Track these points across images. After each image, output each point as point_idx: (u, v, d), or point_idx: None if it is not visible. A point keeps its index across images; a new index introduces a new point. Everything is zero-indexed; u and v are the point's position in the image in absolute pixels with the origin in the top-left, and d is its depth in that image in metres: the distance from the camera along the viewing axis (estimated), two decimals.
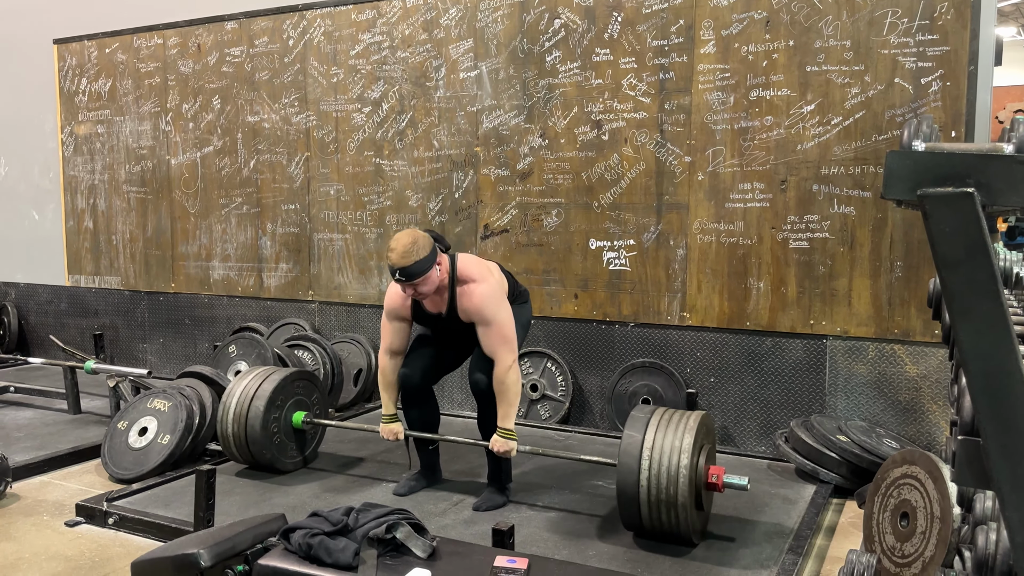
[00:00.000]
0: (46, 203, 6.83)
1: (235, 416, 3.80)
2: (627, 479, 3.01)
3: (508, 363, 3.29)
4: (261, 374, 3.93)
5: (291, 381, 3.92)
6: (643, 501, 2.99)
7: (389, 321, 3.54)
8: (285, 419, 3.90)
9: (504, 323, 3.31)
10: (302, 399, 3.99)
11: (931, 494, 2.71)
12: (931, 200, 1.25)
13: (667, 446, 2.98)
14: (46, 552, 3.20)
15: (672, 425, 3.05)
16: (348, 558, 2.24)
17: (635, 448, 3.01)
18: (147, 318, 6.38)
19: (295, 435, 3.96)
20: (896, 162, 1.34)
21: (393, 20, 5.20)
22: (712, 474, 3.09)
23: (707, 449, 3.13)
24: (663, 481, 2.95)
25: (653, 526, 3.04)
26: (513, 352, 3.31)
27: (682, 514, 2.96)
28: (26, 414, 5.11)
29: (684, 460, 2.94)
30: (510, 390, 3.30)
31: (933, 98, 3.91)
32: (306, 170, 5.59)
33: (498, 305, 3.33)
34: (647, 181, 4.55)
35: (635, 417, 3.12)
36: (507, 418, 3.33)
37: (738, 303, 4.39)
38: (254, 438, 3.77)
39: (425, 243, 3.23)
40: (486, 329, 3.32)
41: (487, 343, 3.33)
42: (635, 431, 3.06)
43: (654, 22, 4.46)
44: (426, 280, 3.24)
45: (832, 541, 3.36)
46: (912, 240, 4.00)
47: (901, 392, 4.08)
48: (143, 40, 6.16)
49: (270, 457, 3.82)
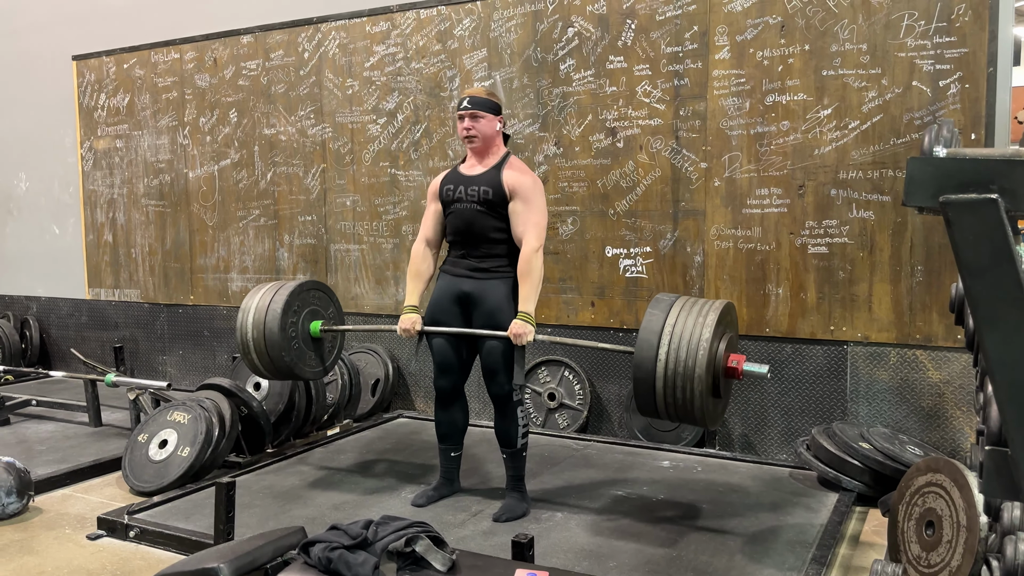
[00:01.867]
0: (66, 217, 6.90)
1: (254, 324, 3.78)
2: (645, 357, 2.98)
3: (536, 246, 3.40)
4: (275, 284, 3.91)
5: (306, 290, 3.90)
6: (659, 391, 2.97)
7: (432, 203, 3.67)
8: (303, 327, 3.87)
9: (541, 209, 3.46)
10: (317, 309, 3.95)
11: (957, 502, 2.67)
12: (954, 207, 1.24)
13: (688, 326, 2.97)
14: (68, 566, 3.22)
15: (693, 315, 3.03)
16: (368, 572, 2.23)
17: (656, 326, 3.00)
18: (166, 330, 6.42)
19: (314, 344, 3.94)
20: (917, 169, 1.32)
21: (407, 31, 5.22)
22: (732, 361, 3.07)
23: (728, 336, 3.10)
24: (680, 371, 2.93)
25: (668, 413, 3.03)
26: (541, 239, 3.42)
27: (698, 403, 2.94)
28: (48, 427, 5.16)
29: (704, 342, 2.92)
30: (534, 271, 3.38)
31: (952, 100, 3.87)
32: (322, 181, 5.62)
33: (541, 194, 3.49)
34: (663, 188, 4.53)
35: (659, 300, 3.12)
36: (527, 301, 3.39)
37: (757, 309, 4.35)
38: (273, 343, 3.73)
39: (499, 99, 3.57)
40: (524, 206, 3.42)
41: (521, 221, 3.43)
42: (658, 311, 3.05)
43: (668, 29, 4.45)
44: (487, 119, 3.46)
45: (856, 550, 3.32)
46: (933, 244, 3.96)
47: (924, 398, 4.03)
48: (160, 55, 6.22)
49: (289, 362, 3.77)
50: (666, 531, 3.33)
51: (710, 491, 3.78)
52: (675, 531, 3.33)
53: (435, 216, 3.65)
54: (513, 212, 3.44)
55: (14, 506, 3.67)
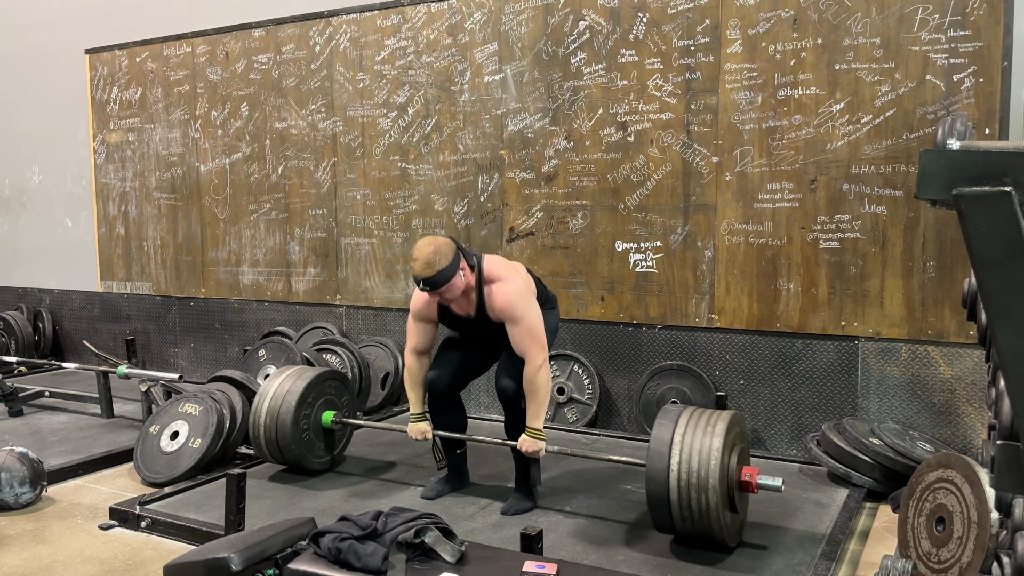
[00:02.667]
0: (79, 210, 6.94)
1: (268, 411, 3.83)
2: (656, 481, 2.96)
3: (539, 362, 3.27)
4: (295, 373, 3.96)
5: (323, 380, 3.95)
6: (674, 503, 2.94)
7: (415, 322, 3.54)
8: (315, 418, 3.92)
9: (533, 321, 3.29)
10: (332, 399, 4.01)
11: (968, 498, 2.66)
12: (967, 200, 1.23)
13: (696, 446, 2.93)
14: (80, 555, 3.24)
15: (701, 425, 3.00)
16: (377, 563, 2.24)
17: (663, 448, 2.96)
18: (178, 323, 6.45)
19: (324, 435, 3.98)
20: (930, 161, 1.31)
21: (418, 25, 5.22)
22: (745, 474, 3.04)
23: (739, 449, 3.07)
24: (693, 482, 2.89)
25: (686, 529, 2.99)
26: (543, 351, 3.29)
27: (715, 516, 2.90)
28: (60, 418, 5.20)
29: (714, 461, 2.89)
30: (540, 389, 3.28)
31: (966, 95, 3.85)
32: (333, 175, 5.63)
33: (527, 303, 3.32)
34: (673, 182, 4.52)
35: (664, 415, 3.07)
36: (536, 418, 3.31)
37: (768, 305, 4.34)
38: (284, 434, 3.79)
39: (447, 250, 3.21)
40: (515, 328, 3.30)
41: (517, 342, 3.31)
42: (663, 432, 3.02)
43: (680, 22, 4.43)
44: (451, 287, 3.24)
45: (866, 546, 3.31)
46: (945, 239, 3.93)
47: (935, 394, 4.01)
48: (172, 48, 6.24)
49: (298, 454, 3.83)
50: None
51: None
52: None
53: (424, 330, 3.55)
54: (509, 333, 3.34)
55: (27, 496, 3.70)
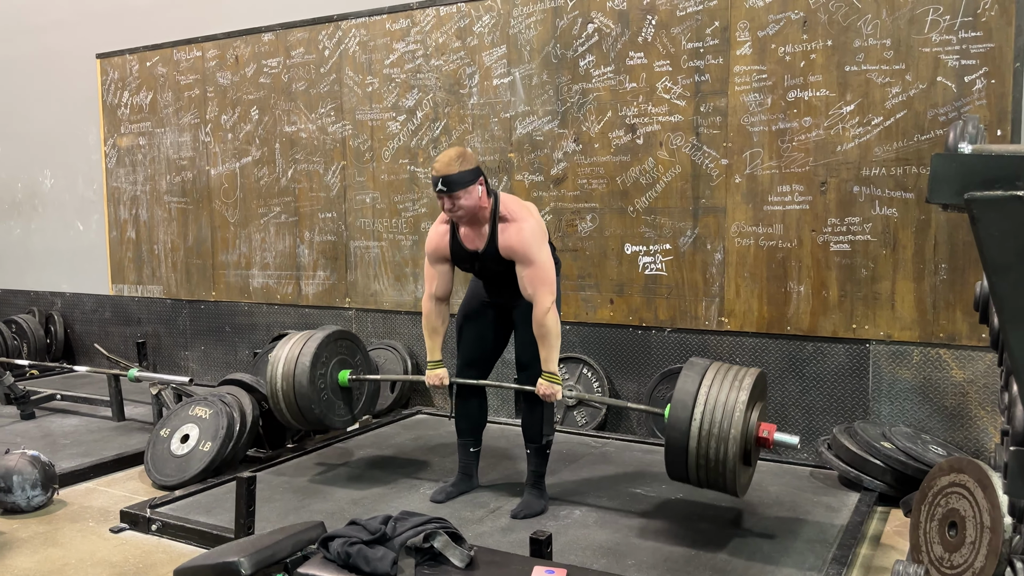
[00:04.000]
0: (90, 214, 6.98)
1: (283, 375, 3.82)
2: (678, 431, 2.99)
3: (547, 305, 3.27)
4: (303, 336, 3.95)
5: (334, 340, 3.93)
6: (691, 454, 2.99)
7: (431, 264, 3.53)
8: (331, 377, 3.90)
9: (544, 264, 3.29)
10: (346, 358, 3.99)
11: (980, 503, 2.64)
12: (979, 204, 1.22)
13: (722, 399, 2.98)
14: (92, 558, 3.26)
15: (728, 378, 3.04)
16: (386, 567, 2.24)
17: (688, 398, 3.00)
18: (188, 326, 6.48)
19: (342, 393, 3.97)
20: (942, 165, 1.30)
21: (427, 28, 5.23)
22: (763, 430, 3.07)
23: (759, 406, 3.12)
24: (715, 433, 2.94)
25: (699, 477, 3.05)
26: (552, 294, 3.30)
27: (730, 467, 2.95)
28: (72, 421, 5.22)
29: (738, 414, 2.93)
30: (550, 332, 3.29)
31: (977, 96, 3.82)
32: (342, 179, 5.64)
33: (540, 244, 3.31)
34: (683, 185, 4.51)
35: (690, 368, 3.09)
36: (549, 361, 3.33)
37: (778, 307, 4.32)
38: (302, 395, 3.77)
39: (471, 158, 3.25)
40: (526, 269, 3.30)
41: (526, 283, 3.32)
42: (689, 381, 3.05)
43: (689, 24, 4.42)
44: (467, 194, 3.22)
45: (877, 551, 3.29)
46: (957, 242, 3.91)
47: (947, 397, 3.99)
48: (183, 53, 6.27)
49: (319, 413, 3.81)
50: (685, 529, 3.32)
51: None
52: (694, 529, 3.32)
53: (441, 274, 3.53)
54: (518, 274, 3.33)
55: (39, 499, 3.72)
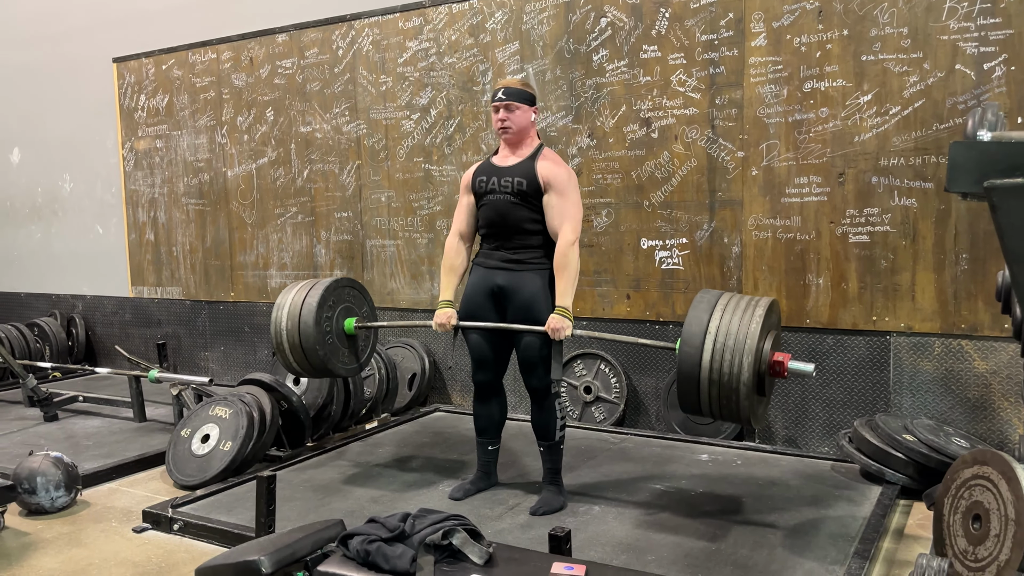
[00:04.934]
0: (109, 217, 7.05)
1: (289, 316, 3.80)
2: (689, 360, 2.96)
3: (571, 239, 3.36)
4: (310, 282, 3.93)
5: (341, 286, 3.92)
6: (703, 382, 2.96)
7: (464, 195, 3.65)
8: (337, 323, 3.88)
9: (576, 202, 3.42)
10: (351, 307, 3.96)
11: (1005, 495, 2.61)
12: (999, 192, 1.20)
13: (733, 329, 2.94)
14: (115, 558, 3.29)
15: (740, 307, 3.01)
16: (406, 565, 2.24)
17: (699, 330, 2.97)
18: (208, 327, 6.52)
19: (348, 341, 3.96)
20: (960, 153, 1.28)
21: (439, 26, 5.23)
22: (777, 357, 3.03)
23: (773, 335, 3.07)
24: (726, 365, 2.91)
25: (711, 408, 3.01)
26: (577, 231, 3.39)
27: (743, 397, 2.91)
28: (94, 423, 5.27)
29: (750, 344, 2.90)
30: (570, 264, 3.34)
31: (997, 84, 3.77)
32: (358, 178, 5.66)
33: (576, 187, 3.46)
34: (699, 178, 4.49)
35: (703, 296, 3.08)
36: (564, 295, 3.35)
37: (797, 300, 4.29)
38: (307, 336, 3.74)
39: (533, 90, 3.52)
40: (559, 199, 3.39)
41: (557, 213, 3.39)
42: (700, 312, 3.02)
43: (703, 16, 4.39)
44: (521, 111, 3.44)
45: (900, 544, 3.26)
46: (978, 231, 3.86)
47: (970, 389, 3.94)
48: (198, 55, 6.31)
49: (323, 356, 3.78)
50: (705, 525, 3.30)
51: (750, 485, 3.74)
52: (714, 525, 3.30)
53: (468, 208, 3.63)
54: (547, 205, 3.41)
55: (63, 500, 3.76)
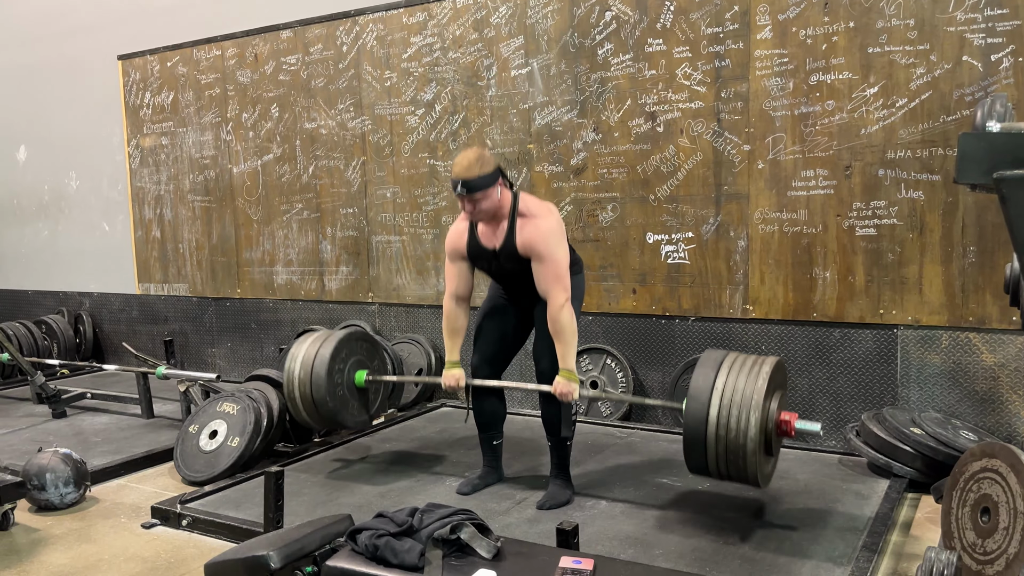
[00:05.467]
0: (116, 214, 7.06)
1: (302, 366, 3.83)
2: (695, 419, 2.95)
3: (561, 302, 3.26)
4: (324, 333, 3.98)
5: (353, 340, 3.95)
6: (710, 442, 2.94)
7: (451, 263, 3.54)
8: (348, 376, 3.91)
9: (560, 261, 3.29)
10: (363, 360, 3.99)
11: (1014, 488, 2.60)
12: (1009, 183, 1.19)
13: (739, 387, 2.93)
14: (124, 553, 3.30)
15: (745, 368, 2.99)
16: (414, 559, 2.25)
17: (706, 387, 2.96)
18: (215, 323, 6.54)
19: (359, 393, 3.98)
20: (969, 145, 1.28)
21: (444, 21, 5.22)
22: (783, 418, 3.02)
23: (780, 395, 3.07)
24: (732, 423, 2.89)
25: (719, 468, 3.00)
26: (566, 291, 3.28)
27: (750, 456, 2.90)
28: (102, 419, 5.29)
29: (756, 402, 2.89)
30: (566, 329, 3.27)
31: (1004, 75, 3.75)
32: (363, 174, 5.66)
33: (557, 242, 3.30)
34: (704, 172, 4.47)
35: (707, 358, 3.06)
36: (566, 358, 3.30)
37: (803, 294, 4.28)
38: (319, 387, 3.77)
39: (490, 160, 3.26)
40: (541, 265, 3.29)
41: (541, 279, 3.31)
42: (707, 370, 3.01)
43: (708, 9, 4.38)
44: (486, 196, 3.25)
45: (908, 537, 3.26)
46: (985, 223, 3.85)
47: (978, 382, 3.93)
48: (202, 52, 6.31)
49: (333, 408, 3.81)
50: (712, 519, 3.30)
51: None
52: (721, 519, 3.30)
53: (461, 273, 3.53)
54: (534, 270, 3.34)
55: (72, 496, 3.78)
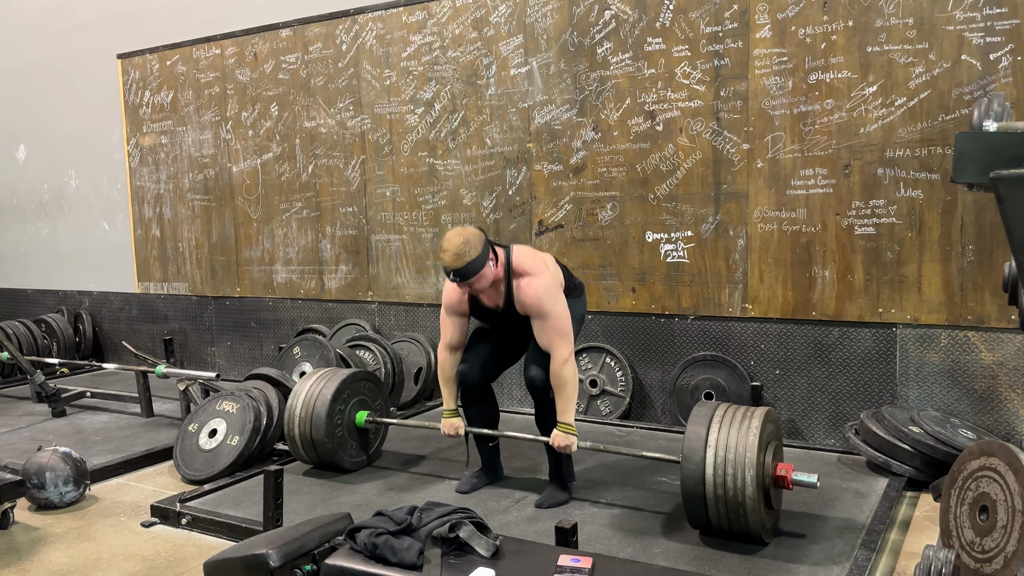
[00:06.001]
0: (115, 213, 7.06)
1: (304, 405, 3.88)
2: (692, 478, 2.95)
3: (564, 356, 3.27)
4: (328, 373, 4.00)
5: (357, 380, 3.98)
6: (710, 500, 2.94)
7: (448, 316, 3.56)
8: (348, 416, 3.95)
9: (560, 316, 3.29)
10: (365, 400, 4.04)
11: (1012, 487, 2.60)
12: (1005, 182, 1.20)
13: (732, 444, 2.92)
14: (124, 552, 3.31)
15: (736, 422, 2.98)
16: (413, 557, 2.25)
17: (699, 447, 2.96)
18: (214, 322, 6.54)
19: (358, 434, 4.01)
20: (967, 144, 1.28)
21: (443, 20, 5.22)
22: (780, 471, 3.02)
23: (774, 446, 3.06)
24: (729, 482, 2.89)
25: (721, 525, 2.99)
26: (569, 345, 3.29)
27: (751, 513, 2.90)
28: (102, 418, 5.30)
29: (750, 458, 2.88)
30: (567, 384, 3.27)
31: (1003, 74, 3.75)
32: (362, 173, 5.66)
33: (554, 299, 3.32)
34: (704, 171, 4.48)
35: (697, 414, 3.07)
36: (566, 412, 3.31)
37: (802, 292, 4.28)
38: (318, 428, 3.82)
39: (476, 241, 3.22)
40: (542, 323, 3.30)
41: (543, 337, 3.32)
42: (698, 428, 3.01)
43: (707, 8, 4.38)
44: (481, 277, 3.25)
45: (907, 536, 3.26)
46: (984, 222, 3.85)
47: (976, 380, 3.93)
48: (202, 51, 6.31)
49: (331, 449, 3.85)
50: None
51: None
52: None
53: (457, 325, 3.55)
54: (534, 327, 3.35)
55: (71, 495, 3.78)
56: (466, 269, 3.19)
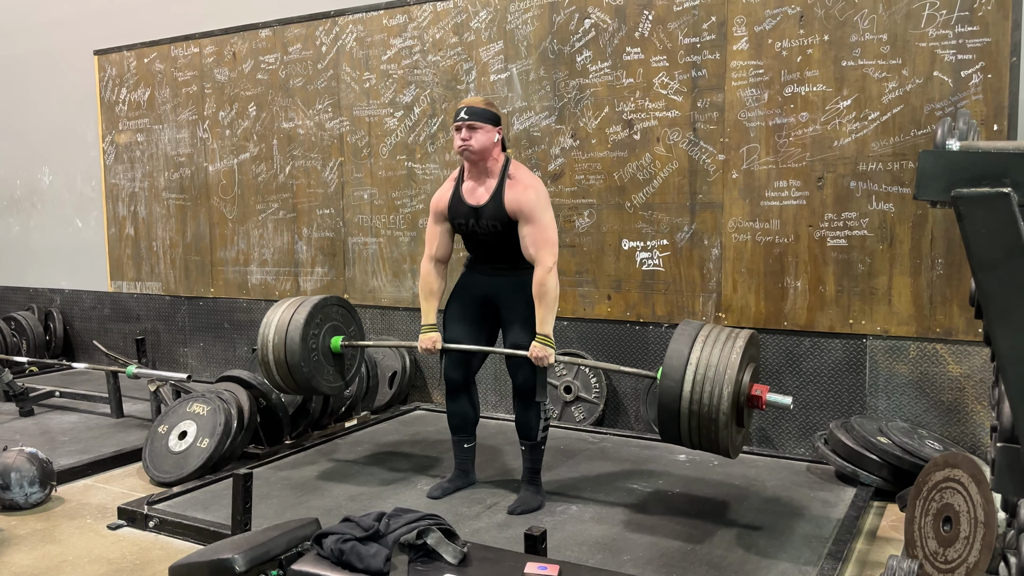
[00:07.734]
0: (89, 211, 6.98)
1: (276, 330, 3.80)
2: (669, 395, 3.00)
3: (549, 265, 3.33)
4: (297, 300, 3.94)
5: (328, 305, 3.92)
6: (683, 415, 2.99)
7: (434, 223, 3.60)
8: (323, 342, 3.88)
9: (549, 225, 3.36)
10: (339, 325, 3.96)
11: (974, 498, 2.64)
12: (965, 201, 1.22)
13: (713, 361, 2.98)
14: (89, 555, 3.27)
15: (720, 341, 3.04)
16: (379, 564, 2.25)
17: (680, 364, 3.01)
18: (187, 323, 6.49)
19: (334, 359, 3.95)
20: (929, 162, 1.30)
21: (424, 24, 5.22)
22: (755, 391, 3.08)
23: (752, 367, 3.12)
24: (706, 397, 2.94)
25: (691, 439, 3.06)
26: (554, 256, 3.35)
27: (722, 428, 2.96)
28: (70, 418, 5.23)
29: (730, 375, 2.93)
30: (549, 293, 3.33)
31: (974, 91, 3.82)
32: (340, 175, 5.64)
33: (546, 206, 3.39)
34: (680, 180, 4.51)
35: (682, 332, 3.11)
36: (545, 323, 3.34)
37: (775, 303, 4.32)
38: (293, 352, 3.74)
39: (498, 108, 3.48)
40: (531, 227, 3.34)
41: (531, 242, 3.35)
42: (680, 346, 3.05)
43: (685, 19, 4.41)
44: (484, 131, 3.35)
45: (873, 545, 3.30)
46: (953, 237, 3.91)
47: (944, 392, 3.99)
48: (180, 49, 6.27)
49: (308, 373, 3.77)
50: (681, 525, 3.33)
51: (726, 485, 3.77)
52: (690, 525, 3.32)
53: (441, 234, 3.59)
54: (521, 234, 3.38)
55: (37, 496, 3.73)
56: (479, 110, 3.34)
